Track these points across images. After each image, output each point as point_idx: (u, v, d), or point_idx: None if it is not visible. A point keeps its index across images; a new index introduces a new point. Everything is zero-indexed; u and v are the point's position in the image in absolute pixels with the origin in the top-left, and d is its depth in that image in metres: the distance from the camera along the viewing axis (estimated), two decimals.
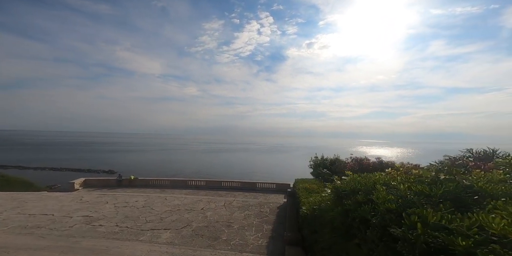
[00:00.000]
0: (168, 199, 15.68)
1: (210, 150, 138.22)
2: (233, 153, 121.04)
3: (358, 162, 11.77)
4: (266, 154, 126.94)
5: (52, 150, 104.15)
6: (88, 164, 58.83)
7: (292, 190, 15.32)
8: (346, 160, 14.36)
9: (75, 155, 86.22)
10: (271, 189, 22.96)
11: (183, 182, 24.28)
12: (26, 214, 11.68)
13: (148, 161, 75.61)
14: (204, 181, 24.53)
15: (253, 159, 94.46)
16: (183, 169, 59.00)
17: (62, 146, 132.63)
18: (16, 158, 70.57)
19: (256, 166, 70.71)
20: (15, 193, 16.01)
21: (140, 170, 51.18)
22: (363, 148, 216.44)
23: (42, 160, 66.15)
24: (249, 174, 55.46)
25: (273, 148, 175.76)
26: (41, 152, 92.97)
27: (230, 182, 24.22)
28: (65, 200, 14.36)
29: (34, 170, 48.48)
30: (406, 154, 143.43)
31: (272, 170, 64.97)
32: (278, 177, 49.74)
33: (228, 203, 14.60)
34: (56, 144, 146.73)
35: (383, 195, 2.42)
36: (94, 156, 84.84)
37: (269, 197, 19.17)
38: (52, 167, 51.75)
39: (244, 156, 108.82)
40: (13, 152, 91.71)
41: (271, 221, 11.52)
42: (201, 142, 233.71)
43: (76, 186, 20.87)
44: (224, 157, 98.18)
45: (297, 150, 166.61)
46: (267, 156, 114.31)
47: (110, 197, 15.62)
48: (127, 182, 23.49)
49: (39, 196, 15.18)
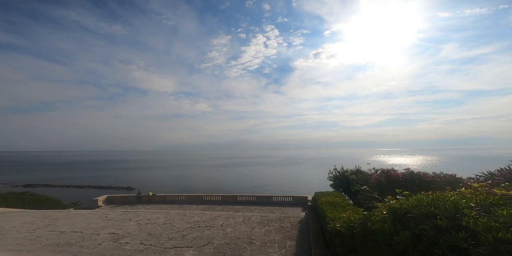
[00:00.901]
0: (187, 215, 15.71)
1: (223, 164, 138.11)
2: (246, 167, 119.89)
3: (385, 173, 11.22)
4: (279, 166, 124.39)
5: (75, 169, 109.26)
6: (109, 181, 60.87)
7: (312, 204, 14.82)
8: (369, 171, 13.70)
9: (96, 173, 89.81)
10: (288, 202, 22.29)
11: (199, 198, 24.30)
12: (57, 232, 12.18)
13: (163, 177, 76.73)
14: (219, 196, 24.41)
15: (266, 172, 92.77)
16: (197, 184, 59.09)
17: (83, 165, 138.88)
18: (43, 177, 74.84)
19: (270, 179, 69.18)
20: (46, 211, 16.82)
21: (156, 186, 52.04)
22: (381, 157, 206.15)
23: (67, 178, 69.55)
24: (264, 188, 54.23)
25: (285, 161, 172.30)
26: (65, 171, 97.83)
27: (245, 196, 23.89)
28: (91, 217, 14.86)
29: (60, 188, 51.07)
30: (431, 162, 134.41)
31: (286, 182, 63.18)
32: (294, 189, 48.16)
33: (247, 219, 14.35)
34: (78, 163, 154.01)
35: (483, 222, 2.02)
36: (113, 173, 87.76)
37: (286, 211, 18.60)
38: (76, 185, 54.47)
39: (257, 169, 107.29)
40: (40, 171, 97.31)
41: (294, 236, 11.12)
42: (214, 157, 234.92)
43: (99, 203, 21.60)
44: (237, 171, 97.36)
45: (310, 162, 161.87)
46: (280, 168, 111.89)
47: (133, 214, 15.94)
48: (146, 198, 23.99)
49: (68, 214, 15.84)
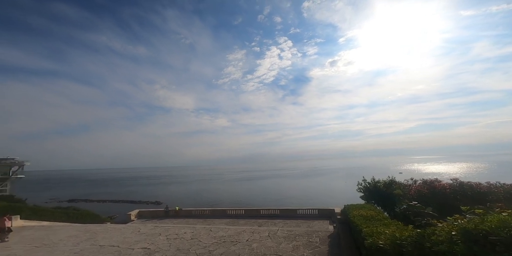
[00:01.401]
0: (213, 230, 15.78)
1: (244, 178, 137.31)
2: (268, 180, 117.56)
3: (427, 184, 10.14)
4: (302, 178, 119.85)
5: (109, 185, 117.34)
6: (139, 196, 64.17)
7: (342, 217, 13.89)
8: (406, 182, 12.64)
9: (127, 188, 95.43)
10: (313, 215, 21.25)
11: (223, 212, 24.32)
12: (97, 245, 13.05)
13: (187, 191, 78.53)
14: (243, 209, 24.17)
15: (289, 185, 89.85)
16: (220, 198, 59.25)
17: (116, 181, 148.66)
18: (83, 192, 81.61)
19: (293, 192, 66.64)
20: (88, 225, 18.21)
21: (181, 200, 53.37)
22: (415, 165, 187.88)
23: (103, 194, 74.85)
24: (287, 200, 52.40)
25: (308, 172, 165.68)
26: (101, 187, 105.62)
27: (269, 209, 23.33)
28: (126, 232, 15.71)
29: (97, 203, 55.32)
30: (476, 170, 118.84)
31: (310, 194, 60.35)
32: (318, 202, 45.76)
33: (272, 233, 13.94)
34: (111, 179, 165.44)
35: None
36: (142, 189, 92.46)
37: (312, 225, 17.67)
38: (111, 200, 58.57)
39: (279, 182, 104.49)
40: (80, 188, 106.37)
41: (324, 252, 10.46)
42: (235, 171, 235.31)
43: (132, 217, 22.79)
44: (259, 184, 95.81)
45: (334, 173, 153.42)
46: (303, 180, 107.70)
47: (162, 229, 16.50)
48: (173, 212, 24.73)
49: (106, 228, 16.96)
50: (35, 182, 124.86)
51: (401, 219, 9.43)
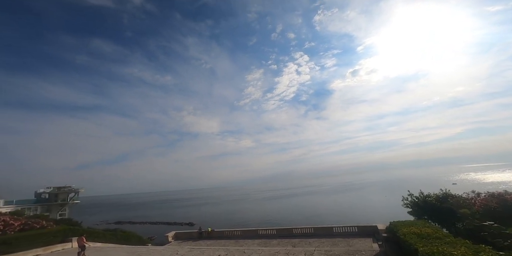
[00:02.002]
0: (246, 252, 15.67)
1: (273, 197, 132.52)
2: (297, 197, 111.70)
3: (496, 197, 8.69)
4: (334, 194, 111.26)
5: (147, 208, 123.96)
6: (173, 218, 66.35)
7: (390, 235, 12.67)
8: (466, 195, 11.26)
9: (163, 211, 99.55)
10: (352, 232, 19.54)
11: (254, 232, 23.86)
12: None
13: (217, 212, 78.49)
14: (274, 229, 23.44)
15: (321, 201, 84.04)
16: (250, 218, 57.87)
17: (152, 204, 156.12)
18: (126, 215, 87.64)
19: (326, 209, 61.96)
20: (133, 247, 19.60)
21: (212, 221, 53.54)
22: (471, 175, 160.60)
23: (142, 216, 79.29)
24: (319, 218, 48.97)
25: (341, 187, 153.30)
26: (140, 210, 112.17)
27: (302, 228, 22.23)
28: (166, 254, 16.51)
29: (139, 225, 59.07)
30: None
31: (345, 211, 55.48)
32: (355, 218, 41.86)
33: (309, 254, 13.33)
34: (149, 203, 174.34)
35: None
36: (175, 211, 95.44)
37: (353, 243, 16.29)
38: (150, 222, 62.10)
39: (310, 199, 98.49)
40: (123, 211, 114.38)
41: None
42: (262, 190, 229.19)
43: (169, 238, 23.78)
44: (289, 202, 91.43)
45: (370, 187, 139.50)
46: (336, 196, 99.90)
47: (198, 251, 16.93)
48: (206, 234, 25.12)
49: (149, 250, 18.06)
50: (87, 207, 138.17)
51: (466, 237, 8.29)
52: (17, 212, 32.29)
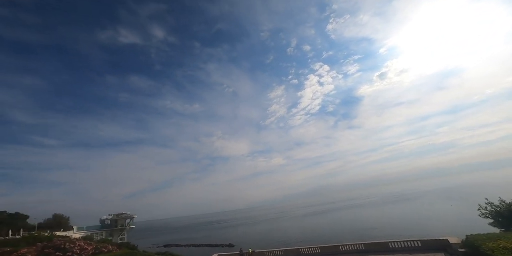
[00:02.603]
0: None
1: (313, 212, 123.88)
2: (341, 211, 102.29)
3: None
4: (384, 205, 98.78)
5: (189, 231, 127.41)
6: (213, 240, 66.90)
7: (469, 250, 11.04)
8: None
9: (204, 233, 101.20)
10: (414, 247, 17.45)
11: (296, 251, 22.91)
12: None
13: (255, 232, 76.36)
14: (318, 247, 22.19)
15: (369, 214, 75.34)
16: (291, 236, 54.99)
17: (193, 227, 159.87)
18: (172, 238, 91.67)
19: (376, 222, 55.16)
20: None
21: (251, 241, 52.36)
22: None
23: (186, 239, 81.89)
24: (369, 232, 43.96)
25: (390, 198, 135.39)
26: (183, 233, 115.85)
27: (350, 245, 20.50)
28: None
29: (184, 247, 61.13)
30: None
31: (401, 223, 48.74)
32: (415, 232, 36.51)
33: None
34: (190, 226, 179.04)
35: None
36: (215, 232, 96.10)
37: None
38: (193, 244, 63.90)
39: (356, 212, 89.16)
40: (169, 234, 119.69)
41: None
42: (299, 207, 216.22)
43: None
44: (332, 217, 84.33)
45: (427, 195, 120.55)
46: (386, 208, 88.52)
47: None
48: (247, 255, 24.99)
49: None
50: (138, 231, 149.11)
51: None
52: (88, 237, 37.27)
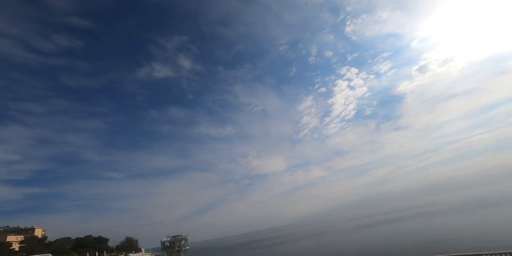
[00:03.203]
0: None
1: (366, 224, 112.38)
2: (401, 222, 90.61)
3: None
4: (462, 213, 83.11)
5: (238, 250, 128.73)
6: None
7: None
8: None
9: (250, 252, 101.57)
10: None
11: None
12: None
13: (302, 248, 73.74)
14: None
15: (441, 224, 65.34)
16: (344, 251, 52.40)
17: (239, 246, 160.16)
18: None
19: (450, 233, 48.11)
20: None
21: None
22: None
23: None
24: (444, 244, 39.12)
25: (468, 204, 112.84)
26: (234, 252, 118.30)
27: None
28: None
29: None
30: None
31: (491, 233, 41.56)
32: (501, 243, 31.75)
33: None
34: (237, 245, 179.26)
35: None
36: (262, 251, 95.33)
37: None
38: None
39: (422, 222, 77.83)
40: (220, 254, 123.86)
41: None
42: (347, 219, 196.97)
43: None
44: (391, 229, 75.59)
45: None
46: (465, 215, 74.38)
47: None
48: None
49: None
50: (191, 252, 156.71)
51: None
52: None
